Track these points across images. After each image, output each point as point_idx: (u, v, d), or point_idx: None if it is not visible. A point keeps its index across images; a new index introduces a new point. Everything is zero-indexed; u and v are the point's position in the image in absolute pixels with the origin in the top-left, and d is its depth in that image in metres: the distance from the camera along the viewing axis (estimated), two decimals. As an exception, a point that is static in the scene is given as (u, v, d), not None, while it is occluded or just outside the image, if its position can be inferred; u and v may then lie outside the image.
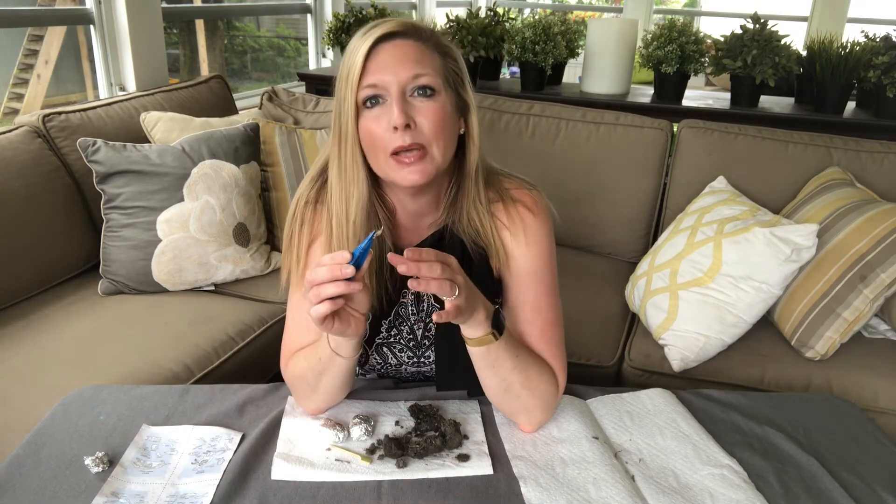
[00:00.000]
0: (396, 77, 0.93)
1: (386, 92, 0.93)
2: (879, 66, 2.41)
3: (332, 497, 0.90)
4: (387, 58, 0.94)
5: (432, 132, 0.94)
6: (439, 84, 0.95)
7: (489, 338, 0.95)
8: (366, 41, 0.93)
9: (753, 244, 1.65)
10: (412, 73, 0.93)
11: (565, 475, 0.95)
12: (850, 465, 1.02)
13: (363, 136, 0.96)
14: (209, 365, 1.57)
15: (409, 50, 0.95)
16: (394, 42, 0.95)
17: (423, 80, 0.94)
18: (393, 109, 0.92)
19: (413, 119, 0.93)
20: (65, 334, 1.60)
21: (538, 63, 2.83)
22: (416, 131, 0.93)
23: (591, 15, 6.71)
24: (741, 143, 2.04)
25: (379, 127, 0.94)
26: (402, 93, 0.93)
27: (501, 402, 1.04)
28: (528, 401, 1.02)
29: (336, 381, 1.01)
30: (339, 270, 0.83)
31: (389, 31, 0.94)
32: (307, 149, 2.12)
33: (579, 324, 1.78)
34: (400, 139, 0.92)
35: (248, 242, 1.90)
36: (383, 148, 0.94)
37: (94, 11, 2.34)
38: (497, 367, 0.98)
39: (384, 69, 0.93)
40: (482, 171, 1.04)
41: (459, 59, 1.01)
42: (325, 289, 0.84)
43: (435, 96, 0.95)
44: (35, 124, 1.88)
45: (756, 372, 1.64)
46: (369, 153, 0.96)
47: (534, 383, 1.01)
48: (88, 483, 0.91)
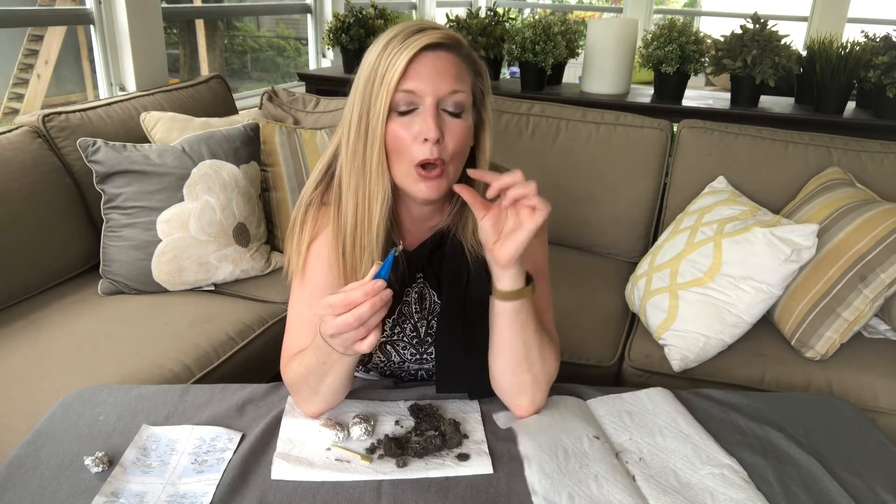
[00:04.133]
0: (435, 89, 0.93)
1: (420, 101, 0.93)
2: (879, 66, 2.41)
3: (332, 497, 0.90)
4: (429, 68, 0.93)
5: (454, 151, 0.95)
6: (468, 103, 0.96)
7: (528, 290, 0.97)
8: (411, 47, 0.92)
9: (753, 244, 1.65)
10: (450, 89, 0.93)
11: (568, 467, 0.95)
12: (850, 465, 1.02)
13: (389, 139, 0.95)
14: (209, 365, 1.57)
15: (449, 64, 0.95)
16: (437, 53, 0.94)
17: (458, 97, 0.94)
18: (427, 120, 0.92)
19: (442, 133, 0.94)
20: (65, 334, 1.60)
21: (538, 63, 2.83)
22: (442, 146, 0.94)
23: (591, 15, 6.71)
24: (741, 143, 2.04)
25: (408, 134, 0.94)
26: (437, 105, 0.93)
27: (516, 373, 1.03)
28: (540, 373, 1.03)
29: (340, 381, 1.01)
30: (380, 301, 0.85)
31: (436, 42, 0.94)
32: (307, 149, 2.12)
33: (579, 324, 1.78)
34: (428, 152, 0.93)
35: (248, 242, 1.90)
36: (409, 157, 0.94)
37: (94, 11, 2.34)
38: (525, 325, 0.99)
39: (424, 78, 0.93)
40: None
41: (487, 77, 1.01)
42: (375, 319, 0.86)
43: (463, 115, 0.96)
44: (35, 124, 1.88)
45: (756, 372, 1.64)
46: (392, 157, 0.96)
47: (546, 353, 1.03)
48: (88, 483, 0.91)
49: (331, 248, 1.03)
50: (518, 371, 1.03)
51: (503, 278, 0.96)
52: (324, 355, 0.96)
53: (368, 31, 3.16)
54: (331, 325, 0.87)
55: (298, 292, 1.07)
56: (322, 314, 0.88)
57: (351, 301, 0.85)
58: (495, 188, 0.88)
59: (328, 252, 1.03)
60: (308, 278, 1.06)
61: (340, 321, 0.85)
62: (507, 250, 0.92)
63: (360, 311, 0.84)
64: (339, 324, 0.85)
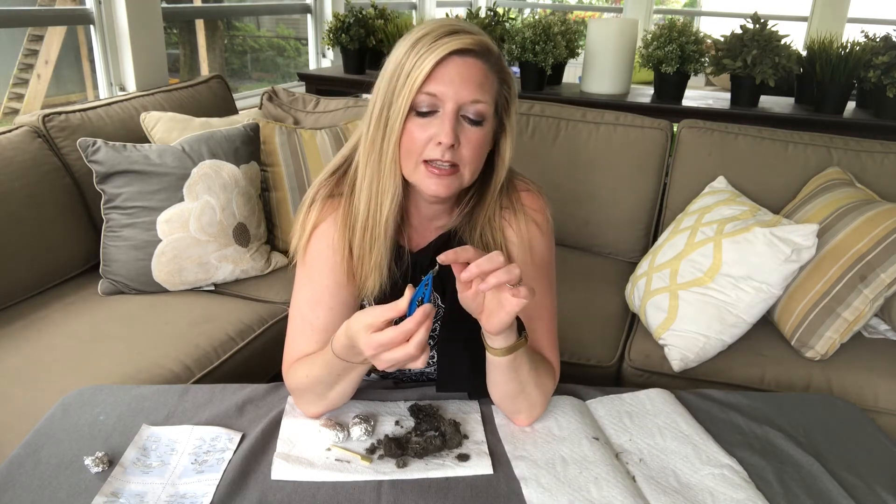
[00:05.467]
0: (457, 95, 0.92)
1: (441, 104, 0.93)
2: (879, 66, 2.41)
3: (332, 497, 0.90)
4: (453, 73, 0.93)
5: (469, 157, 0.95)
6: (490, 113, 0.96)
7: (521, 342, 0.95)
8: (440, 49, 0.92)
9: (753, 244, 1.65)
10: (473, 97, 0.93)
11: (566, 475, 0.95)
12: (850, 465, 1.02)
13: (405, 137, 0.95)
14: (209, 365, 1.57)
15: (475, 71, 0.94)
16: (465, 59, 0.93)
17: (479, 106, 0.94)
18: (445, 126, 0.92)
19: (458, 139, 0.94)
20: (65, 334, 1.60)
21: (538, 63, 2.83)
22: (456, 152, 0.94)
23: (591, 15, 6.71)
24: (741, 143, 2.04)
25: (423, 135, 0.94)
26: (457, 111, 0.93)
27: (510, 403, 1.04)
28: (536, 398, 1.03)
29: (349, 387, 1.01)
30: (429, 322, 0.81)
31: (466, 48, 0.93)
32: (307, 149, 2.12)
33: (579, 324, 1.78)
34: (439, 153, 0.93)
35: (248, 242, 1.90)
36: (418, 154, 0.95)
37: (94, 11, 2.34)
38: (519, 370, 0.98)
39: (448, 83, 0.92)
40: (505, 186, 1.05)
41: (514, 86, 1.01)
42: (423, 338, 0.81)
43: (483, 124, 0.95)
44: (35, 124, 1.88)
45: (756, 372, 1.64)
46: (403, 155, 0.96)
47: (542, 380, 1.03)
48: (88, 483, 0.91)
49: (338, 237, 1.03)
50: (514, 401, 1.04)
51: (495, 340, 0.94)
52: (339, 368, 0.95)
53: (368, 31, 3.16)
54: (387, 360, 0.83)
55: (300, 291, 1.07)
56: (373, 354, 0.84)
57: (408, 331, 0.81)
58: (473, 273, 0.84)
59: (333, 241, 1.03)
60: (308, 274, 1.06)
61: (402, 354, 0.82)
62: (495, 324, 0.88)
63: (418, 337, 0.81)
64: (400, 357, 0.82)
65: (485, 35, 0.97)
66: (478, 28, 0.98)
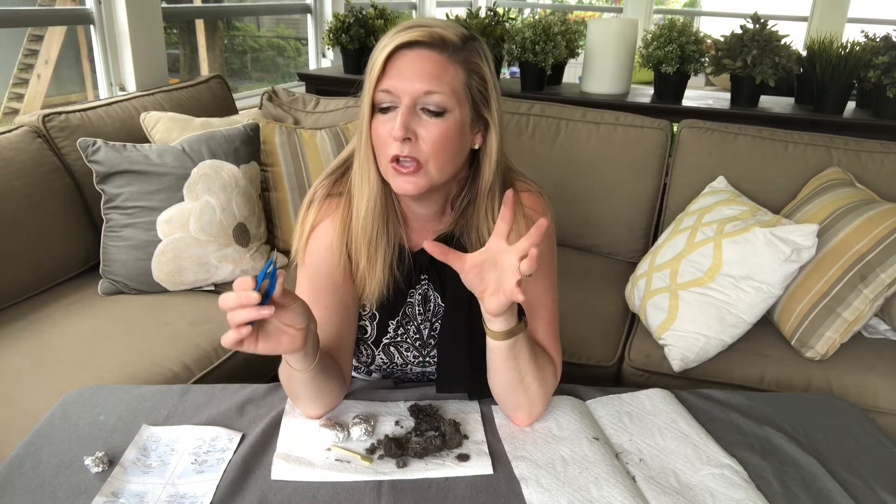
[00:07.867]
0: (410, 87, 0.92)
1: (398, 99, 0.93)
2: (879, 66, 2.41)
3: (332, 497, 0.90)
4: (404, 66, 0.93)
5: (431, 150, 0.94)
6: (452, 103, 0.94)
7: (521, 326, 0.95)
8: (388, 44, 0.93)
9: (753, 244, 1.65)
10: (425, 89, 0.92)
11: (567, 474, 0.95)
12: (850, 465, 1.02)
13: (374, 135, 0.96)
14: (209, 365, 1.57)
15: (427, 64, 0.93)
16: (416, 51, 0.93)
17: (435, 97, 0.93)
18: (397, 119, 0.92)
19: (415, 132, 0.93)
20: (65, 334, 1.60)
21: (538, 63, 2.83)
22: (415, 145, 0.94)
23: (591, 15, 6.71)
24: (741, 143, 2.04)
25: (385, 130, 0.94)
26: (412, 105, 0.93)
27: (510, 396, 1.03)
28: (535, 393, 1.02)
29: (308, 390, 0.99)
30: (245, 298, 0.78)
31: (412, 40, 0.93)
32: (307, 149, 2.12)
33: (579, 324, 1.78)
34: (398, 149, 0.93)
35: (248, 242, 1.90)
36: (385, 152, 0.95)
37: (94, 11, 2.34)
38: (518, 358, 0.98)
39: (399, 77, 0.93)
40: (499, 184, 1.03)
41: (488, 76, 0.98)
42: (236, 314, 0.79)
43: (445, 115, 0.94)
44: (35, 124, 1.88)
45: (756, 372, 1.64)
46: (377, 152, 0.97)
47: (542, 374, 1.02)
48: (88, 483, 0.91)
49: (336, 238, 1.04)
50: (514, 393, 1.03)
51: (494, 322, 0.93)
52: (287, 371, 0.97)
53: (368, 31, 3.16)
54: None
55: (299, 291, 1.07)
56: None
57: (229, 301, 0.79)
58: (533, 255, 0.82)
59: (331, 241, 1.04)
60: (307, 274, 1.06)
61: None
62: (496, 304, 0.88)
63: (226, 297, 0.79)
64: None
65: (449, 28, 0.95)
66: (446, 23, 0.97)
